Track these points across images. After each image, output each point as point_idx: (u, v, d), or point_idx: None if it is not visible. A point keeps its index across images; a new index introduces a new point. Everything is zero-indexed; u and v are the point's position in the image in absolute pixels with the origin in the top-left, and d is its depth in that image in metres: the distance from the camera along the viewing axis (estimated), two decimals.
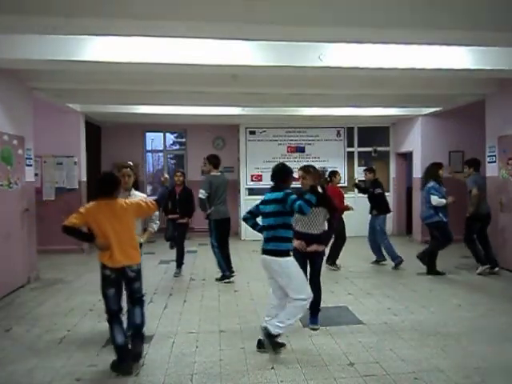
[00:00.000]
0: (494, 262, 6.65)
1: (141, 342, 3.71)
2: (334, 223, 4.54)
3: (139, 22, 3.75)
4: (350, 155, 11.09)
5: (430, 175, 6.67)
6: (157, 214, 4.25)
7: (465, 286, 6.05)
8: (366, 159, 11.18)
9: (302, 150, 10.85)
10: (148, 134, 11.81)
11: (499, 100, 7.04)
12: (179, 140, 12.70)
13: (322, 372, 3.45)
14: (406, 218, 10.84)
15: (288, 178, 3.90)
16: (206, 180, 6.40)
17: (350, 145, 11.11)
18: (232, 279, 6.37)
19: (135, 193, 4.17)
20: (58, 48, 4.71)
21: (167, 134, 12.16)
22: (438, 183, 6.55)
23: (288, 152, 10.79)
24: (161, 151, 12.13)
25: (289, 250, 3.78)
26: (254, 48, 4.98)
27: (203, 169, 11.13)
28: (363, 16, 3.86)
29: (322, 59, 5.06)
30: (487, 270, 6.60)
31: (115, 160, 10.75)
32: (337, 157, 10.86)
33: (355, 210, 7.19)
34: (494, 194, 7.02)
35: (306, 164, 4.36)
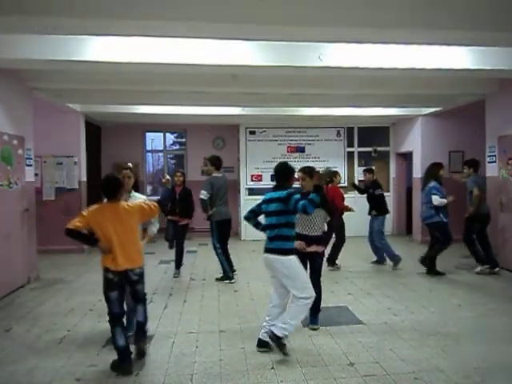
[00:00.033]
0: (494, 262, 6.64)
1: (144, 339, 3.73)
2: (333, 224, 4.53)
3: (139, 21, 3.76)
4: (350, 155, 11.09)
5: (430, 175, 6.66)
6: (156, 217, 4.24)
7: (465, 285, 6.05)
8: (366, 159, 11.18)
9: (302, 150, 10.85)
10: (148, 134, 11.80)
11: (499, 100, 7.04)
12: (179, 140, 12.70)
13: (322, 372, 3.45)
14: (405, 218, 10.83)
15: (290, 176, 3.90)
16: (207, 181, 6.40)
17: (350, 145, 11.11)
18: (233, 280, 6.36)
19: (135, 194, 4.13)
20: (58, 48, 4.71)
21: (167, 134, 12.15)
22: (439, 183, 6.55)
23: (288, 152, 10.79)
24: (161, 151, 12.13)
25: (292, 248, 3.78)
26: (254, 48, 4.98)
27: (203, 169, 11.18)
28: (363, 16, 3.86)
29: (321, 59, 5.06)
30: (487, 270, 6.60)
31: (115, 160, 10.78)
32: (337, 157, 10.86)
33: (355, 210, 7.18)
34: (494, 194, 7.02)
35: (305, 166, 4.34)
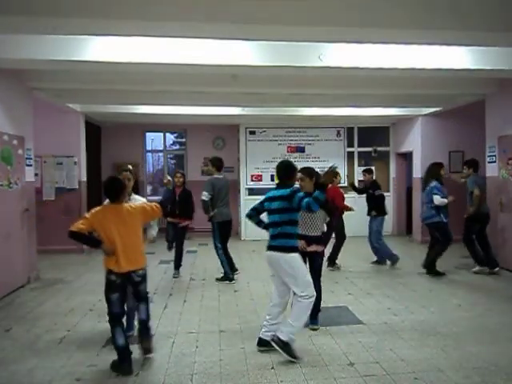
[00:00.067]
0: (493, 262, 6.64)
1: (149, 337, 3.73)
2: (332, 224, 4.53)
3: (139, 21, 3.76)
4: (350, 155, 11.09)
5: (431, 175, 6.63)
6: (156, 220, 4.23)
7: (465, 285, 6.05)
8: (366, 159, 11.18)
9: (302, 149, 10.84)
10: (148, 134, 11.80)
11: (499, 100, 7.04)
12: (179, 140, 12.70)
13: (322, 372, 3.45)
14: (406, 218, 10.84)
15: (293, 174, 3.89)
16: (208, 182, 6.39)
17: (350, 145, 11.11)
18: (234, 281, 6.35)
19: (135, 197, 4.11)
20: (58, 48, 4.71)
21: (167, 134, 12.16)
22: (440, 183, 6.53)
23: (288, 152, 10.78)
24: (161, 151, 12.13)
25: (295, 246, 3.76)
26: (254, 48, 4.97)
27: (203, 169, 11.19)
28: (363, 16, 3.86)
29: (321, 59, 5.06)
30: (486, 270, 6.60)
31: (115, 160, 10.79)
32: (337, 157, 10.84)
33: (355, 210, 7.18)
34: (494, 194, 7.02)
35: (305, 166, 4.32)
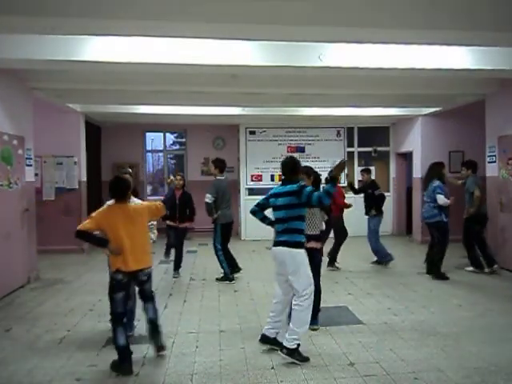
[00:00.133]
0: (491, 259, 6.66)
1: (160, 335, 3.76)
2: (330, 222, 4.56)
3: (139, 21, 3.75)
4: (350, 155, 11.08)
5: (434, 174, 6.58)
6: (154, 223, 4.22)
7: (465, 286, 6.05)
8: (366, 159, 11.18)
9: (302, 149, 10.84)
10: (148, 134, 11.80)
11: (499, 100, 7.04)
12: (179, 140, 12.70)
13: (322, 372, 3.45)
14: (406, 218, 10.83)
15: (298, 170, 3.90)
16: (212, 184, 6.37)
17: (350, 145, 11.12)
18: (234, 281, 6.35)
19: (134, 200, 4.03)
20: (58, 48, 4.71)
21: (167, 134, 12.16)
22: (443, 182, 6.50)
23: (288, 152, 10.73)
24: (161, 151, 12.13)
25: (302, 242, 3.75)
26: (254, 48, 4.97)
27: (203, 169, 11.20)
28: (363, 16, 3.86)
29: (321, 59, 5.06)
30: (486, 270, 6.61)
31: (115, 160, 10.79)
32: (337, 157, 10.75)
33: (355, 210, 7.20)
34: (494, 194, 7.02)
35: (303, 166, 4.29)
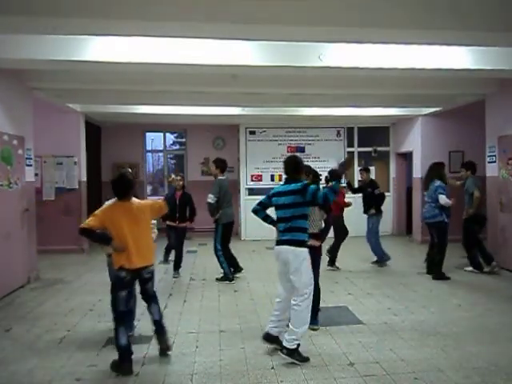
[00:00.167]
0: (489, 257, 6.67)
1: (166, 336, 3.76)
2: (329, 220, 4.57)
3: (139, 21, 3.76)
4: (350, 155, 11.06)
5: (434, 174, 6.56)
6: (155, 223, 4.22)
7: (465, 285, 6.05)
8: (366, 159, 11.16)
9: (302, 149, 10.82)
10: (148, 134, 11.80)
11: (499, 100, 7.04)
12: (179, 140, 12.70)
13: (322, 372, 3.45)
14: (406, 218, 10.83)
15: (301, 169, 3.91)
16: (215, 184, 6.35)
17: (350, 145, 11.11)
18: (234, 281, 6.35)
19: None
20: (58, 48, 4.71)
21: (167, 134, 12.16)
22: (444, 183, 6.48)
23: (288, 152, 10.71)
24: (161, 151, 12.13)
25: (305, 240, 3.75)
26: (254, 48, 4.98)
27: (203, 169, 11.19)
28: (363, 16, 3.86)
29: (321, 59, 5.06)
30: (486, 270, 6.61)
31: (115, 160, 10.79)
32: (337, 157, 10.83)
33: (355, 209, 7.23)
34: (494, 194, 7.02)
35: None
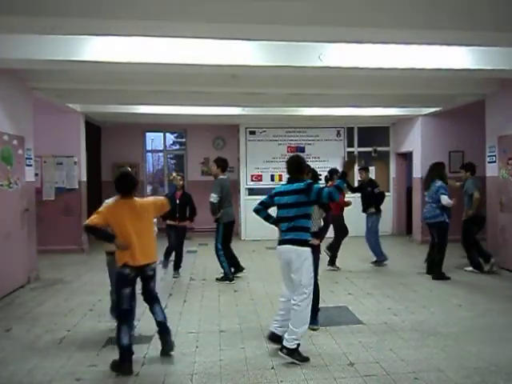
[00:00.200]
0: (487, 255, 6.68)
1: (170, 336, 3.76)
2: (328, 219, 4.58)
3: (139, 21, 3.75)
4: (350, 155, 11.09)
5: (436, 174, 6.54)
6: (155, 221, 4.23)
7: (465, 285, 6.05)
8: (366, 159, 11.16)
9: (302, 149, 10.82)
10: (148, 134, 11.81)
11: (499, 100, 7.04)
12: (179, 140, 12.71)
13: (322, 372, 3.45)
14: (405, 218, 10.84)
15: (304, 168, 3.91)
16: (217, 184, 6.34)
17: (350, 145, 11.12)
18: (234, 281, 6.35)
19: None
20: (58, 48, 4.71)
21: (167, 134, 12.16)
22: (445, 183, 6.46)
23: (288, 152, 10.74)
24: (161, 151, 12.13)
25: (308, 239, 3.74)
26: (254, 48, 4.97)
27: (203, 169, 11.19)
28: (363, 16, 3.86)
29: (321, 59, 5.06)
30: (486, 269, 6.63)
31: (115, 160, 10.80)
32: (337, 157, 10.86)
33: (355, 208, 7.23)
34: (494, 194, 7.02)
35: None
